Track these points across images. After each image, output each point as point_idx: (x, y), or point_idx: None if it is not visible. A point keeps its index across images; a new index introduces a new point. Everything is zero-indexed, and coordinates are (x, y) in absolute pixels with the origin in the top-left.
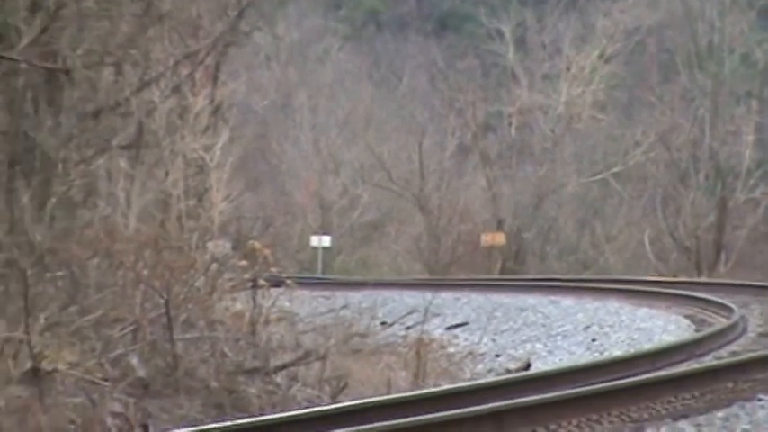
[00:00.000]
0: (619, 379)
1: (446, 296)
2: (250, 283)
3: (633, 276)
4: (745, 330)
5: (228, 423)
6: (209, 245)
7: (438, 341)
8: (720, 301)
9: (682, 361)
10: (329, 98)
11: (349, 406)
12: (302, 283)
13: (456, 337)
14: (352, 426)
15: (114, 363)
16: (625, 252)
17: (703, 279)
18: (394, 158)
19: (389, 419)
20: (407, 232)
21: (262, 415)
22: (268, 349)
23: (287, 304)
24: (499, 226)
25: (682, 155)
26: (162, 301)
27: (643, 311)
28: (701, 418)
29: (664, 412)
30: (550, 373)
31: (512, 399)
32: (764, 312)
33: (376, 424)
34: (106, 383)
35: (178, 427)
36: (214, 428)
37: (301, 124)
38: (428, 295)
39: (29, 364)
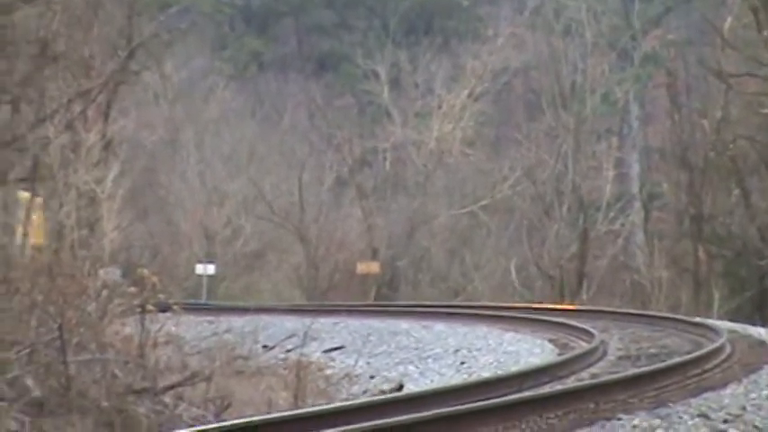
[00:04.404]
0: (487, 400)
1: (324, 321)
2: (139, 309)
3: (500, 303)
4: (605, 354)
5: None
6: (101, 272)
7: (316, 364)
8: (582, 326)
9: (546, 383)
10: (214, 134)
11: (233, 425)
12: (188, 308)
13: (333, 359)
14: None
15: (11, 383)
16: (492, 280)
17: (566, 306)
18: (275, 191)
19: None
20: (287, 261)
21: None
22: (156, 371)
23: (173, 328)
24: (374, 255)
25: (546, 188)
26: (56, 325)
27: (510, 336)
28: None
29: (529, 431)
30: (423, 393)
31: (387, 418)
32: (623, 337)
33: None
34: (3, 403)
35: None
36: None
37: (188, 158)
38: (307, 320)
39: None
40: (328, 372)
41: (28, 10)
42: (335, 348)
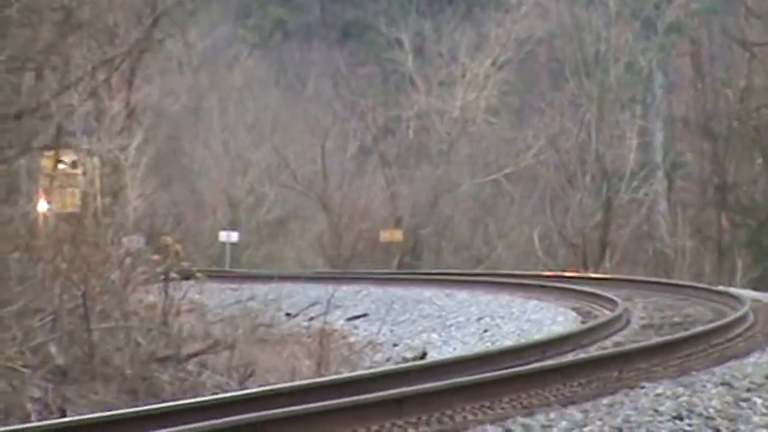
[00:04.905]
0: (510, 368)
1: (347, 289)
2: (162, 276)
3: (524, 271)
4: (628, 322)
5: (144, 408)
6: (124, 240)
7: (339, 331)
8: (605, 294)
9: (569, 351)
10: (238, 102)
11: (257, 392)
12: (211, 276)
13: (356, 327)
14: (261, 411)
15: (34, 351)
16: (516, 248)
17: (590, 274)
18: (299, 159)
19: (295, 405)
20: (311, 229)
21: (174, 400)
22: (179, 338)
23: (197, 296)
24: (397, 223)
25: (570, 157)
26: (79, 292)
27: (533, 304)
28: (587, 405)
29: (553, 399)
30: (446, 361)
31: (410, 386)
32: (647, 305)
33: (283, 409)
34: (27, 371)
35: (94, 412)
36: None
37: (211, 126)
38: (330, 288)
39: None
40: (352, 339)
41: None
42: (359, 316)
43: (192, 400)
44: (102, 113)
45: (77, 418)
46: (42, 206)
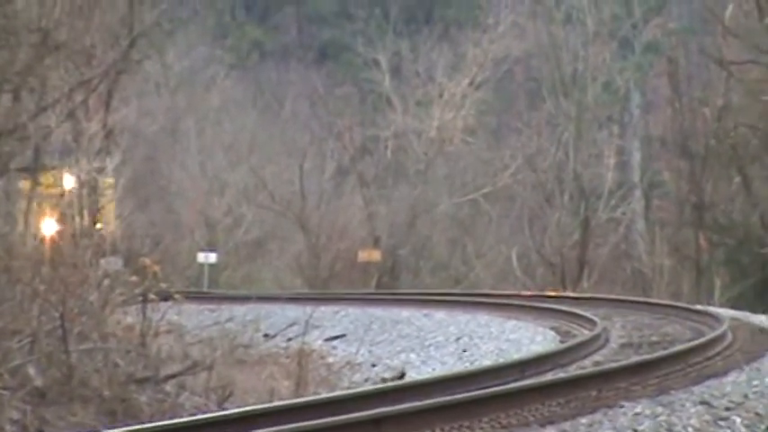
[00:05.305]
0: (489, 387)
1: (325, 309)
2: (140, 298)
3: (502, 291)
4: (607, 341)
5: (122, 429)
6: (102, 261)
7: (318, 352)
8: (584, 313)
9: (548, 370)
10: (215, 123)
11: (235, 413)
12: (189, 297)
13: (335, 348)
14: None
15: (12, 372)
16: (494, 268)
17: (568, 293)
18: (276, 180)
19: (274, 426)
20: (289, 250)
21: (152, 422)
22: (158, 360)
23: (175, 317)
24: (375, 243)
25: (547, 177)
26: (57, 314)
27: (511, 324)
28: (566, 425)
29: (531, 419)
30: (424, 381)
31: (389, 406)
32: (625, 324)
33: (262, 430)
34: (5, 392)
35: None
36: None
37: (189, 148)
38: (308, 309)
39: None
40: (330, 360)
41: None
42: (337, 337)
43: (171, 422)
44: (79, 135)
45: None
46: (51, 227)
